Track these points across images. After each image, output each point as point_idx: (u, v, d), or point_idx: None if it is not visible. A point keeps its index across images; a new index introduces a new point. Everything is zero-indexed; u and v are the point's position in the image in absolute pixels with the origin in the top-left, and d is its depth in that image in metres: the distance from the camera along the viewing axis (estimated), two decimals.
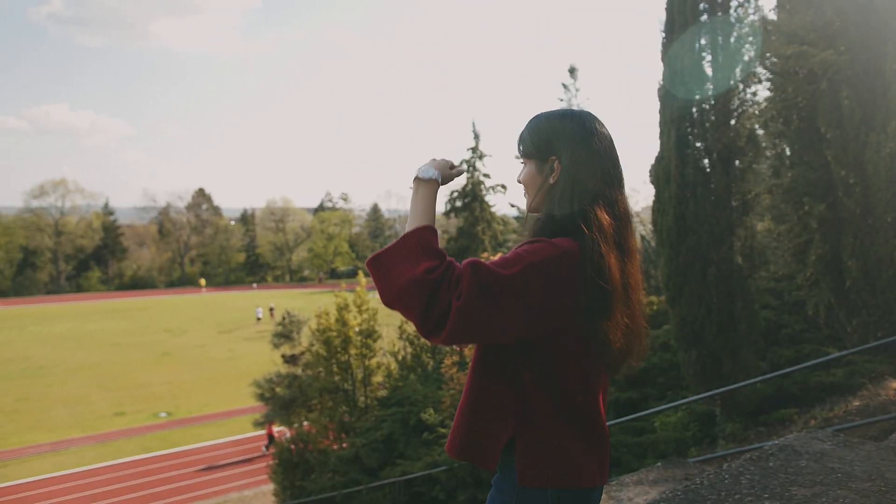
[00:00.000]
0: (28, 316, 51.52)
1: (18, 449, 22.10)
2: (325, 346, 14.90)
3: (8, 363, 34.45)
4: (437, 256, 1.62)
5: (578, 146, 1.74)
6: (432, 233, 1.71)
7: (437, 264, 1.60)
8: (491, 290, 1.55)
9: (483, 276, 1.55)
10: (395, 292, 1.59)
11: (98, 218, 72.27)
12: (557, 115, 1.80)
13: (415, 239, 1.66)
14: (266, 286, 71.78)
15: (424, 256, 1.62)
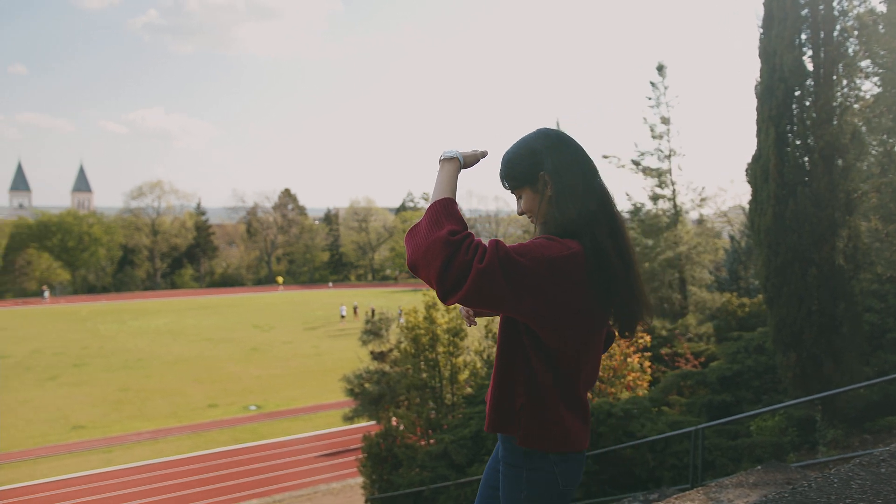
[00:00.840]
0: (128, 311, 54.17)
1: (122, 436, 23.32)
2: (414, 343, 15.13)
3: (111, 355, 36.37)
4: (460, 223, 1.82)
5: (556, 155, 1.97)
6: (454, 203, 1.90)
7: (459, 229, 1.79)
8: (507, 269, 1.73)
9: (503, 255, 1.73)
10: (420, 252, 1.75)
11: (191, 218, 75.32)
12: (526, 140, 2.04)
13: (440, 206, 1.85)
14: (341, 285, 73.06)
15: (449, 221, 1.81)
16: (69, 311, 54.40)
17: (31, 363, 34.41)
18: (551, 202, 1.96)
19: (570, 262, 1.82)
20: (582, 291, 1.85)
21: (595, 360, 2.07)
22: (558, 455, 2.00)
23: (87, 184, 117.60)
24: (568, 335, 1.90)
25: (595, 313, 1.92)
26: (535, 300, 1.79)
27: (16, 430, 23.93)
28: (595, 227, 1.91)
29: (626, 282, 1.95)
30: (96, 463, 20.92)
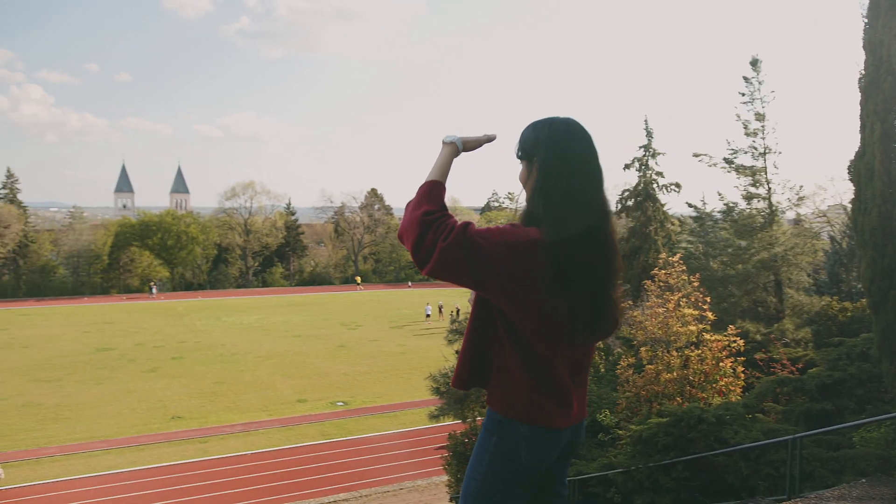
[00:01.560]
0: (221, 307, 56.28)
1: (217, 427, 24.27)
2: None
3: (206, 349, 37.90)
4: (436, 204, 2.08)
5: (550, 151, 2.07)
6: (438, 185, 2.16)
7: (433, 209, 2.05)
8: (469, 249, 1.95)
9: (467, 236, 1.96)
10: (403, 227, 2.07)
11: (281, 217, 77.51)
12: (539, 124, 2.15)
13: (424, 188, 2.14)
14: (425, 284, 73.47)
15: (427, 202, 2.09)
16: (168, 306, 56.99)
17: (134, 355, 36.26)
18: (533, 190, 2.11)
19: (526, 249, 1.98)
20: (536, 276, 1.98)
21: (577, 347, 2.16)
22: (529, 427, 2.14)
23: (184, 185, 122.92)
24: (526, 312, 2.03)
25: (555, 300, 2.02)
26: (493, 278, 1.98)
27: (121, 418, 25.26)
28: (561, 224, 2.00)
29: (592, 281, 2.05)
30: (193, 452, 21.85)
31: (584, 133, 2.12)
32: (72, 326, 45.67)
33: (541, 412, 2.14)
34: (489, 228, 2.03)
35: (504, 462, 2.19)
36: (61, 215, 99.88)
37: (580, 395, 2.27)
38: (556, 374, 2.14)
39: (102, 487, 19.09)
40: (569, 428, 2.24)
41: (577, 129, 2.11)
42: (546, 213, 2.04)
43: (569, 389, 2.19)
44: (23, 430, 23.71)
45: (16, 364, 33.92)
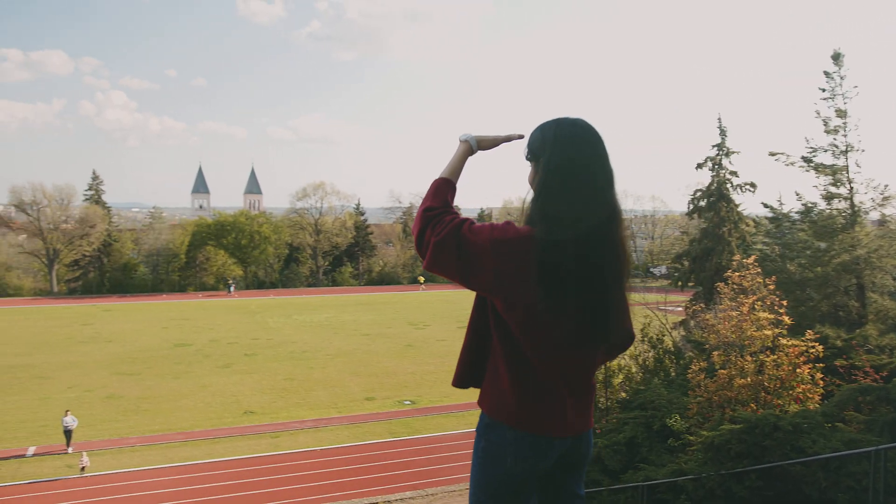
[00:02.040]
0: (292, 305, 57.51)
1: (287, 422, 24.82)
2: None
3: (278, 346, 38.81)
4: (439, 201, 2.15)
5: (554, 151, 2.02)
6: (446, 183, 2.22)
7: (435, 206, 2.13)
8: (460, 245, 2.00)
9: (460, 232, 2.01)
10: (413, 222, 2.16)
11: (351, 217, 78.70)
12: (547, 125, 2.09)
13: (432, 186, 2.21)
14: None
15: (431, 199, 2.16)
16: (241, 304, 58.58)
17: (209, 351, 37.43)
18: (535, 191, 2.06)
19: (513, 246, 1.96)
20: (524, 275, 1.95)
21: (569, 353, 2.08)
22: (515, 432, 2.10)
23: (257, 186, 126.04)
24: (514, 311, 2.01)
25: (544, 302, 1.96)
26: (480, 274, 2.00)
27: (196, 411, 26.11)
28: (555, 225, 1.95)
29: (587, 285, 1.97)
30: (265, 447, 22.40)
31: (591, 134, 2.05)
32: (151, 322, 47.49)
33: (528, 417, 2.09)
34: (482, 225, 2.05)
35: (491, 468, 2.16)
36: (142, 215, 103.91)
37: (579, 405, 2.18)
38: (546, 379, 2.08)
39: (179, 478, 19.76)
40: (565, 438, 2.16)
41: (583, 130, 2.05)
42: (542, 212, 1.99)
43: (561, 397, 2.11)
44: (106, 421, 24.77)
45: (101, 358, 35.48)
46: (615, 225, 2.02)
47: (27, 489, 18.86)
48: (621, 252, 2.04)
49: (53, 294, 64.19)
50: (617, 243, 2.03)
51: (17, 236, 68.34)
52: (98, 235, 65.63)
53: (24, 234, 67.71)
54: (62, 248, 64.61)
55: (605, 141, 2.06)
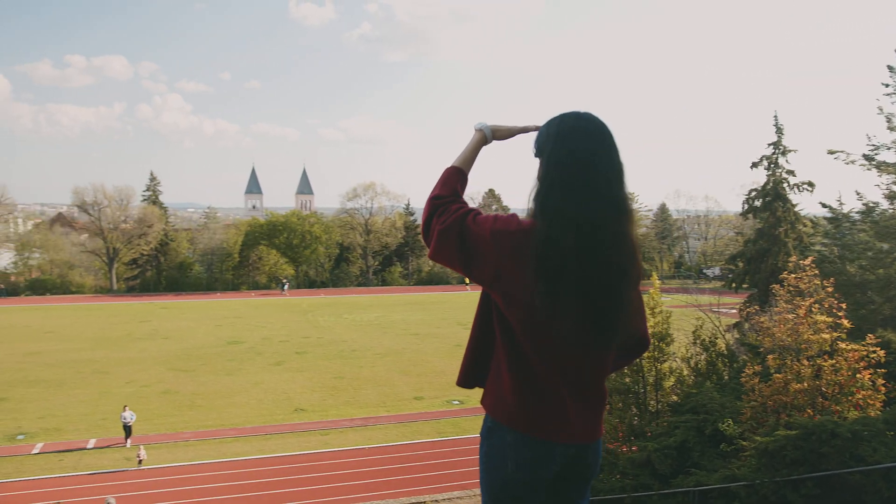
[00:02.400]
0: (343, 304, 58.12)
1: (337, 420, 25.10)
2: None
3: (328, 345, 39.28)
4: (447, 190, 2.15)
5: (554, 147, 1.97)
6: (456, 172, 2.21)
7: (443, 195, 2.13)
8: (463, 236, 1.99)
9: (465, 222, 2.00)
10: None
11: (400, 217, 79.15)
12: (552, 120, 2.04)
13: (443, 174, 2.20)
14: None
15: (440, 188, 2.16)
16: (293, 303, 59.42)
17: (261, 349, 38.08)
18: (537, 185, 2.00)
19: (514, 239, 1.93)
20: (522, 269, 1.91)
21: (571, 354, 2.00)
22: (515, 434, 2.05)
23: (309, 186, 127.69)
24: (514, 307, 1.97)
25: (542, 299, 1.90)
26: (480, 266, 1.98)
27: (248, 408, 26.60)
28: (554, 219, 1.89)
29: (588, 283, 1.89)
30: (315, 444, 22.70)
31: (595, 126, 1.97)
32: (206, 320, 48.54)
33: (528, 420, 2.04)
34: (486, 216, 2.02)
35: (493, 472, 2.12)
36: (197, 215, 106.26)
37: (585, 411, 2.08)
38: (547, 381, 2.01)
39: (231, 473, 20.16)
40: (568, 446, 2.07)
41: (587, 123, 1.98)
42: (542, 207, 1.94)
43: (563, 400, 2.03)
44: (162, 416, 25.41)
45: (157, 354, 36.42)
46: (622, 221, 1.94)
47: (89, 479, 19.47)
48: (629, 250, 1.96)
49: (113, 292, 66.13)
50: (624, 240, 1.94)
51: (80, 236, 70.62)
52: (155, 235, 67.37)
53: (86, 233, 69.93)
54: (121, 247, 66.52)
55: (614, 135, 1.99)
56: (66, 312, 52.24)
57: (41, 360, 34.59)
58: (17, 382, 30.18)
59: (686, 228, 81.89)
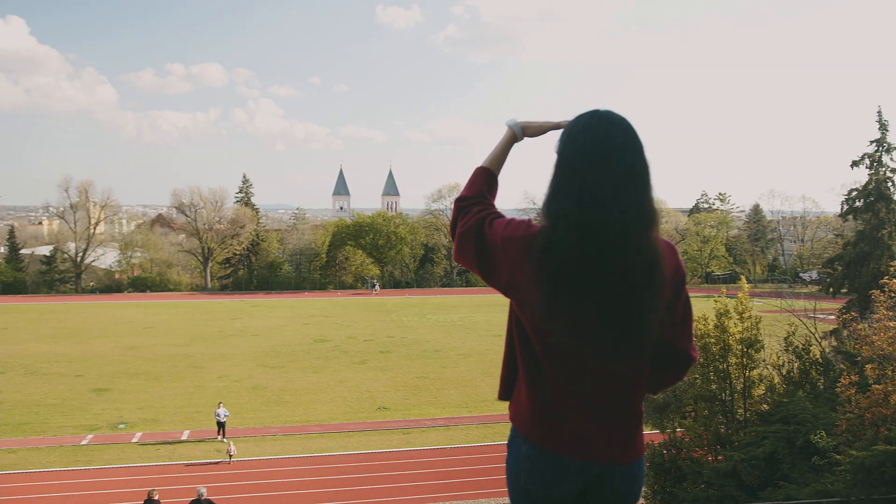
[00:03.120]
0: (427, 305, 58.66)
1: (419, 420, 25.32)
2: (703, 352, 14.32)
3: (412, 345, 39.70)
4: (472, 191, 2.11)
5: (566, 144, 1.85)
6: (483, 173, 2.16)
7: (468, 196, 2.10)
8: (479, 240, 1.96)
9: (482, 225, 1.97)
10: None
11: None
12: (572, 120, 1.90)
13: (471, 175, 2.17)
14: None
15: (466, 189, 2.13)
16: (378, 302, 60.39)
17: (346, 347, 38.86)
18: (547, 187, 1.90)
19: (521, 244, 1.86)
20: (527, 275, 1.84)
21: (588, 365, 1.89)
22: (530, 446, 1.96)
23: (395, 188, 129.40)
24: (526, 315, 1.89)
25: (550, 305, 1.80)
26: (497, 272, 1.93)
27: (333, 405, 27.17)
28: (558, 221, 1.79)
29: (600, 290, 1.78)
30: (397, 442, 22.96)
31: (609, 125, 1.83)
32: (294, 318, 49.93)
33: (542, 431, 1.95)
34: (501, 220, 1.97)
35: (511, 483, 2.05)
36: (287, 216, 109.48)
37: (610, 428, 1.94)
38: (562, 393, 1.91)
39: (315, 468, 20.63)
40: (590, 464, 1.93)
41: (600, 122, 1.83)
42: (546, 209, 1.84)
43: (579, 414, 1.91)
44: (251, 410, 26.26)
45: (247, 350, 37.70)
46: (638, 225, 1.78)
47: (182, 469, 20.33)
48: (648, 255, 1.80)
49: (207, 290, 68.90)
50: (640, 245, 1.79)
51: (178, 236, 74.05)
52: (247, 235, 69.84)
53: (184, 233, 73.19)
54: (216, 246, 69.26)
55: (635, 133, 1.85)
56: (164, 309, 54.78)
57: (141, 354, 36.40)
58: (119, 374, 31.87)
59: (781, 230, 78.58)
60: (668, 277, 1.87)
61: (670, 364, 2.02)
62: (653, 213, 1.82)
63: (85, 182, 68.30)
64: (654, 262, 1.81)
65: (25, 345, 38.73)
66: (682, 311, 2.00)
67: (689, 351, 2.03)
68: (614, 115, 1.86)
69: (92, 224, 67.67)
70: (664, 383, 2.08)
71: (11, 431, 23.56)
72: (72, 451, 21.73)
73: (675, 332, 1.99)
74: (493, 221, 1.97)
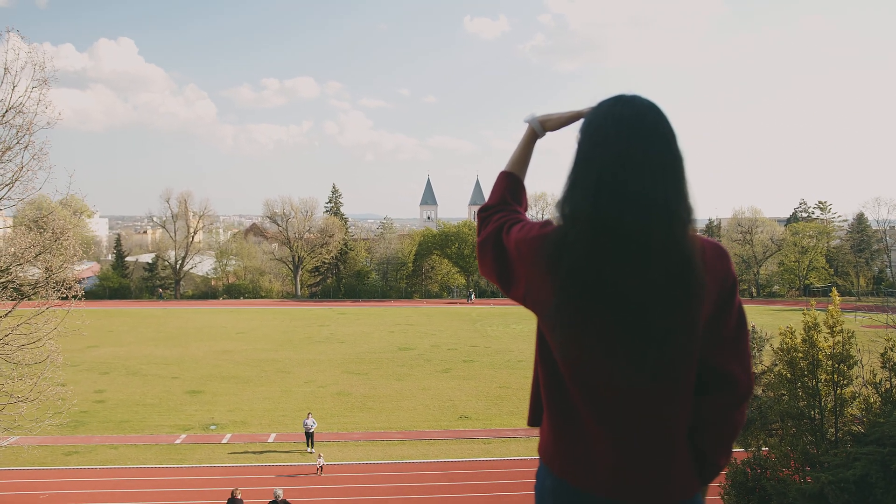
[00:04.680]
0: (512, 315, 58.25)
1: (500, 430, 25.17)
2: (790, 367, 13.57)
3: (495, 354, 39.54)
4: (494, 199, 1.97)
5: (581, 140, 1.64)
6: (505, 178, 2.01)
7: (490, 205, 1.96)
8: (496, 247, 1.82)
9: (500, 234, 1.82)
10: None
11: None
12: (593, 108, 1.67)
13: (495, 182, 2.03)
14: None
15: (490, 197, 2.00)
16: (462, 312, 60.51)
17: (430, 356, 39.09)
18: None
19: (533, 247, 1.71)
20: (541, 278, 1.67)
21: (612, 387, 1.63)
22: (553, 479, 1.77)
23: (482, 197, 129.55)
24: (546, 329, 1.71)
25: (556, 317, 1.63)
26: (515, 280, 1.78)
27: (415, 413, 27.35)
28: (571, 224, 1.60)
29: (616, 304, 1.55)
30: (477, 452, 22.89)
31: (634, 112, 1.59)
32: (379, 326, 50.64)
33: (563, 462, 1.75)
34: (518, 225, 1.82)
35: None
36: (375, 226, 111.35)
37: (642, 461, 1.67)
38: (587, 419, 1.68)
39: (396, 474, 20.80)
40: (614, 501, 1.68)
41: (623, 108, 1.60)
42: (560, 208, 1.63)
43: (607, 444, 1.67)
44: (336, 416, 26.76)
45: (334, 357, 38.49)
46: (665, 224, 1.53)
47: (266, 471, 20.90)
48: (677, 260, 1.55)
49: (297, 297, 70.82)
50: (668, 249, 1.54)
51: (270, 244, 76.49)
52: (336, 244, 71.44)
53: (276, 242, 75.55)
54: (305, 255, 71.16)
55: (665, 121, 1.61)
56: (256, 315, 56.64)
57: (232, 358, 37.73)
58: (212, 377, 33.13)
59: (888, 240, 74.23)
60: (710, 285, 1.61)
61: (717, 390, 1.71)
62: (685, 209, 1.57)
63: (184, 193, 71.61)
64: (685, 267, 1.55)
65: (129, 347, 40.84)
66: (731, 326, 1.69)
67: (737, 375, 1.70)
68: (640, 100, 1.63)
69: (190, 233, 70.76)
70: (715, 413, 1.73)
71: (113, 428, 24.85)
72: (166, 450, 22.72)
73: (722, 351, 1.69)
74: (512, 228, 1.81)
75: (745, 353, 1.71)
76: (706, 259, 1.62)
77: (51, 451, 22.19)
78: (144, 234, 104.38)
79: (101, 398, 28.98)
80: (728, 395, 1.71)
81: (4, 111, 12.08)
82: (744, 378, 1.71)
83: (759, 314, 54.69)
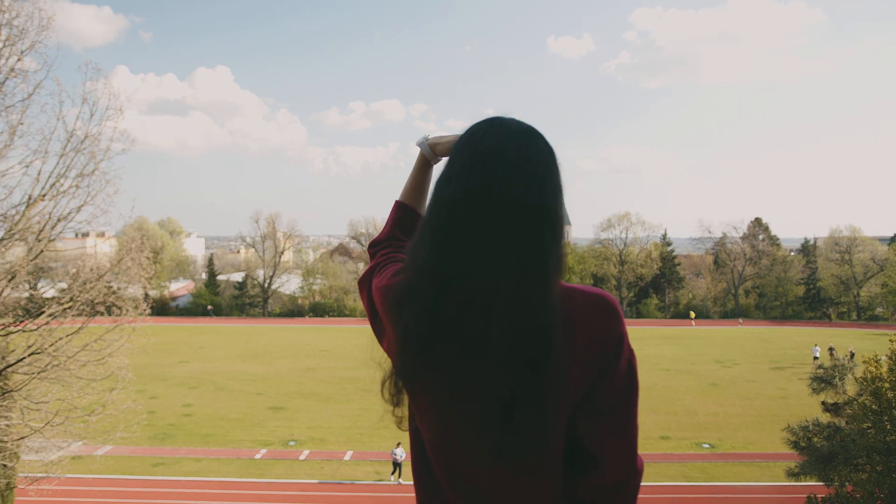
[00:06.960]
0: None
1: None
2: (876, 399, 12.68)
3: None
4: (382, 234, 1.80)
5: (440, 174, 1.44)
6: (395, 208, 1.84)
7: (378, 240, 1.79)
8: (366, 290, 1.65)
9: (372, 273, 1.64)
10: None
11: (657, 248, 76.50)
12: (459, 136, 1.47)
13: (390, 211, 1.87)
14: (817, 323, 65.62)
15: (381, 231, 1.83)
16: None
17: None
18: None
19: (382, 293, 1.54)
20: (392, 334, 1.45)
21: (472, 466, 1.39)
22: None
23: (567, 218, 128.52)
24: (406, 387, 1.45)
25: (405, 372, 1.41)
26: (382, 330, 1.55)
27: None
28: (414, 277, 1.38)
29: (458, 369, 1.32)
30: None
31: (497, 142, 1.37)
32: None
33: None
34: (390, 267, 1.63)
35: None
36: None
37: None
38: (442, 491, 1.47)
39: None
40: None
41: (487, 138, 1.38)
42: (411, 250, 1.44)
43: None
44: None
45: None
46: (523, 278, 1.29)
47: (342, 488, 21.16)
48: (531, 320, 1.29)
49: None
50: (517, 306, 1.28)
51: (356, 264, 78.00)
52: None
53: (360, 262, 77.01)
54: None
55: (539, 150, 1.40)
56: (339, 333, 57.71)
57: (315, 376, 38.56)
58: (294, 394, 33.96)
59: None
60: (581, 347, 1.33)
61: (582, 474, 1.38)
62: (548, 261, 1.32)
63: (273, 214, 74.11)
64: (538, 330, 1.28)
65: (217, 363, 42.37)
66: (613, 394, 1.37)
67: (606, 455, 1.36)
68: (508, 126, 1.41)
69: (278, 252, 73.01)
70: (585, 500, 1.39)
71: (198, 442, 25.77)
72: (247, 464, 23.36)
73: (594, 425, 1.37)
74: (384, 269, 1.61)
75: (625, 428, 1.38)
76: (577, 318, 1.35)
77: (140, 462, 23.21)
78: (237, 253, 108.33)
79: (188, 412, 30.16)
80: (595, 479, 1.37)
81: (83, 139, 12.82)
82: (615, 459, 1.37)
83: (860, 339, 51.89)
